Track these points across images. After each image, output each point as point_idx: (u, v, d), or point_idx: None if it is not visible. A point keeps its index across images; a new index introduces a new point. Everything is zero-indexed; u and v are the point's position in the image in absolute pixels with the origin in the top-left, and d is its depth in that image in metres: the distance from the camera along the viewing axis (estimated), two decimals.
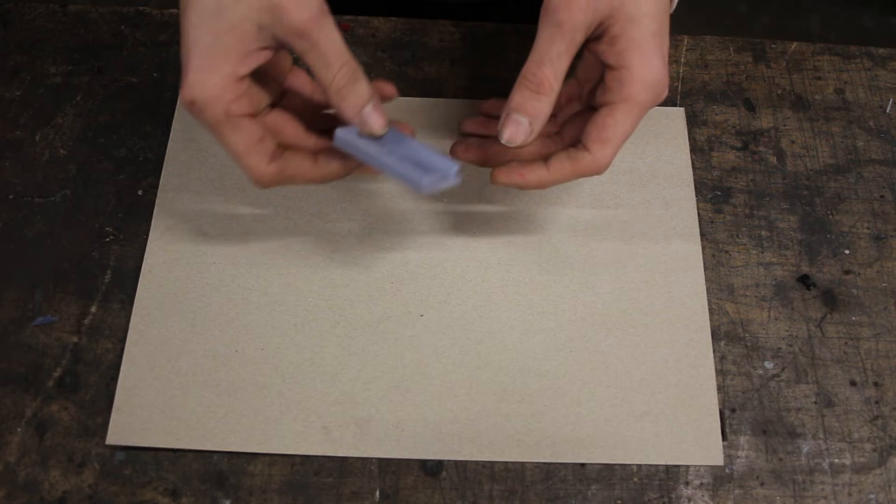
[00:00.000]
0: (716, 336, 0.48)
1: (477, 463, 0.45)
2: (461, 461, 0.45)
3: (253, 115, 0.42)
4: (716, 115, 0.56)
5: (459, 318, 0.48)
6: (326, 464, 0.45)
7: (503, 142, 0.42)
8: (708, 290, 0.50)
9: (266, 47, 0.40)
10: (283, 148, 0.43)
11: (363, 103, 0.41)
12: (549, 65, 0.41)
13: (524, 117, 0.42)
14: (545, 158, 0.44)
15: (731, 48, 0.59)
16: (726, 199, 0.53)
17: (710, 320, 0.49)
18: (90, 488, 0.44)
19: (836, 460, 0.45)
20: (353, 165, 0.44)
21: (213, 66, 0.39)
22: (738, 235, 0.52)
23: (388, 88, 0.46)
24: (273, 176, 0.42)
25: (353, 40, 0.58)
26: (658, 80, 0.42)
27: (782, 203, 0.53)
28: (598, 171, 0.43)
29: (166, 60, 0.57)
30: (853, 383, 0.47)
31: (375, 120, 0.42)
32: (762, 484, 0.45)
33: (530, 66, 0.42)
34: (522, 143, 0.42)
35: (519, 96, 0.42)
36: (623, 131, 0.42)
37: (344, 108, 0.41)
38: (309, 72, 0.42)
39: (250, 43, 0.40)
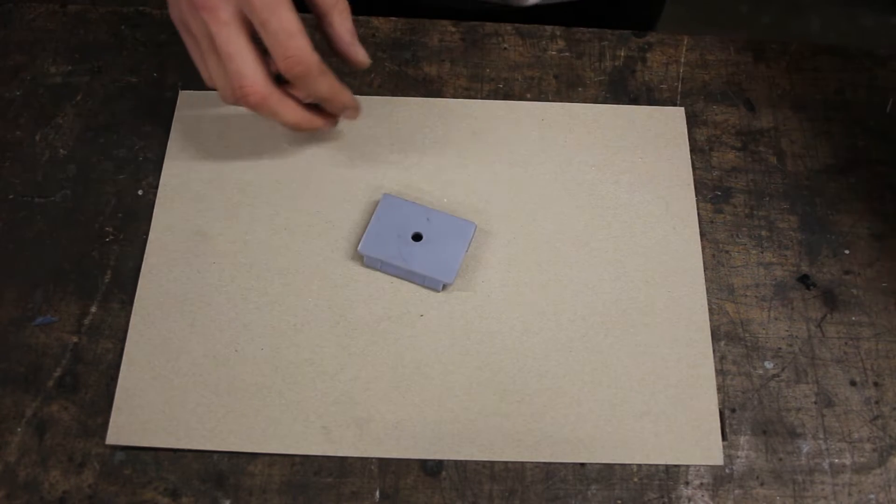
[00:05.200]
0: (716, 336, 0.48)
1: (477, 463, 0.45)
2: (461, 461, 0.45)
3: None
4: (716, 115, 0.56)
5: (459, 318, 0.48)
6: (326, 464, 0.45)
7: None
8: (708, 290, 0.50)
9: None
10: None
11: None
12: None
13: None
14: None
15: (731, 48, 0.59)
16: (726, 199, 0.53)
17: (710, 320, 0.49)
18: (90, 488, 0.44)
19: (836, 460, 0.45)
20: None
21: None
22: (738, 235, 0.52)
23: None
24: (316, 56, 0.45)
25: None
26: None
27: (782, 203, 0.53)
28: None
29: (166, 60, 0.57)
30: (853, 383, 0.47)
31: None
32: (762, 484, 0.45)
33: None
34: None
35: None
36: None
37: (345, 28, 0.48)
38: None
39: None
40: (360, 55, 0.49)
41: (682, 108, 0.56)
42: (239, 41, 0.44)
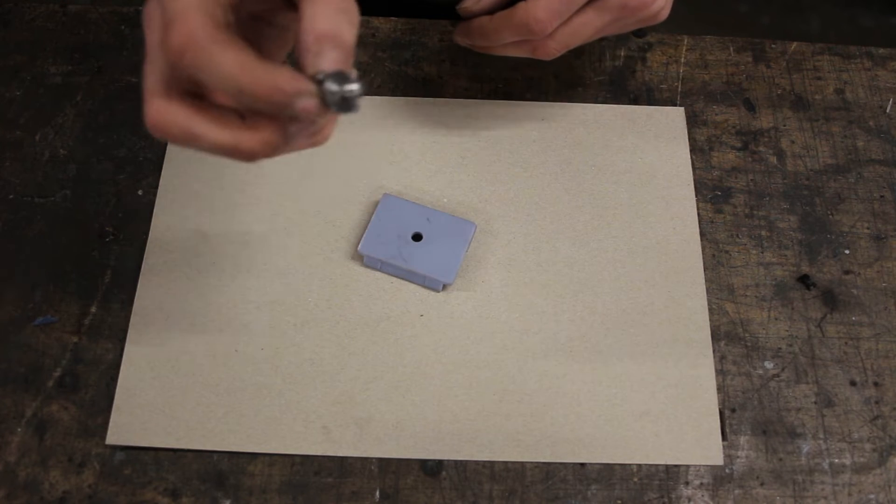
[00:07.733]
0: (716, 336, 0.48)
1: (477, 463, 0.45)
2: (461, 461, 0.45)
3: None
4: (716, 115, 0.56)
5: (459, 318, 0.48)
6: (326, 464, 0.45)
7: (459, 9, 0.49)
8: (708, 290, 0.50)
9: None
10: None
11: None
12: None
13: None
14: None
15: (731, 48, 0.59)
16: (726, 199, 0.53)
17: (710, 320, 0.49)
18: (90, 488, 0.44)
19: (836, 460, 0.45)
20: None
21: None
22: (738, 235, 0.52)
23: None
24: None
25: None
26: None
27: (782, 203, 0.53)
28: (531, 24, 0.44)
29: None
30: (853, 383, 0.47)
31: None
32: (762, 484, 0.45)
33: None
34: (470, 7, 0.48)
35: None
36: None
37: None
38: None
39: None
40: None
41: (682, 108, 0.56)
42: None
